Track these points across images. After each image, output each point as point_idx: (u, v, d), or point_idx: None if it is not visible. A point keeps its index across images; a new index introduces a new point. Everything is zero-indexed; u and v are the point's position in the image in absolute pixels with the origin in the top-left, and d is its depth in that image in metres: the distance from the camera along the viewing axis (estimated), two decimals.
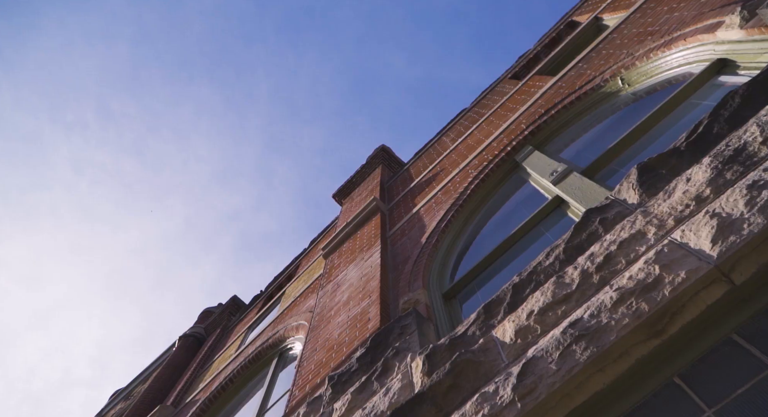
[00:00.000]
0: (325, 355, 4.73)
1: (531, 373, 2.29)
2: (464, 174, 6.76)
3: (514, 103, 7.93)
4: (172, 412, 9.41)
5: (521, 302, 2.86)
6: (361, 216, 8.38)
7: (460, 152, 8.03)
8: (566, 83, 6.58)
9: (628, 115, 5.25)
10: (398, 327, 3.83)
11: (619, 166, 4.46)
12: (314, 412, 3.81)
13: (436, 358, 2.99)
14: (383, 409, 3.06)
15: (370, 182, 11.61)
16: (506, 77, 10.70)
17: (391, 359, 3.49)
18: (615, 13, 8.02)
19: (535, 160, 5.53)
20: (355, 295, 5.46)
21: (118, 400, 17.85)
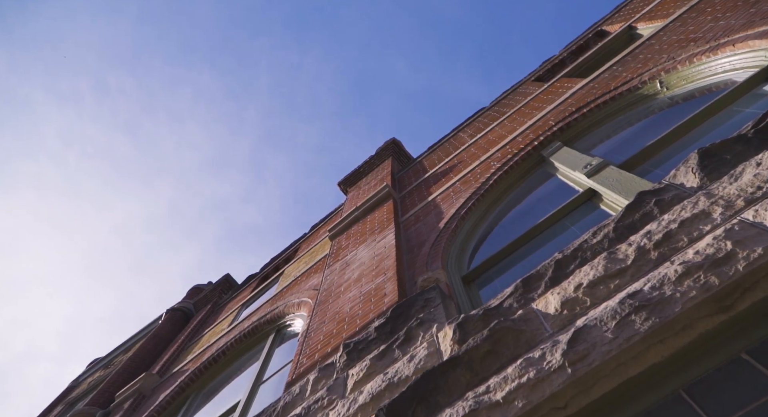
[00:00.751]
0: (335, 327, 4.63)
1: (583, 340, 2.20)
2: (486, 166, 6.67)
3: (539, 102, 7.86)
4: (158, 380, 9.27)
5: (565, 277, 2.77)
6: (371, 201, 8.29)
7: (480, 146, 7.94)
8: (599, 84, 6.50)
9: (663, 119, 5.18)
10: (421, 300, 3.73)
11: (652, 167, 4.38)
12: (326, 378, 3.71)
13: (469, 327, 2.89)
14: (408, 373, 2.96)
15: (379, 172, 11.52)
16: (529, 80, 10.64)
17: (414, 329, 3.39)
18: (651, 23, 7.95)
19: (564, 155, 5.44)
20: (368, 273, 5.36)
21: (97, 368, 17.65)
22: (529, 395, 2.18)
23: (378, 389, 3.02)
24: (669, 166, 4.18)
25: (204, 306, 14.22)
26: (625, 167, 4.43)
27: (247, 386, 5.88)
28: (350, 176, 13.42)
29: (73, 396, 15.31)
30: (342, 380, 3.50)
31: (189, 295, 16.54)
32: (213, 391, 7.29)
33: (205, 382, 7.56)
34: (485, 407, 2.26)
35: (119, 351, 17.63)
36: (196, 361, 8.41)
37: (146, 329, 17.30)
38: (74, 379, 18.08)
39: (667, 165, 4.26)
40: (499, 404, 2.23)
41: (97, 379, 14.87)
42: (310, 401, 3.50)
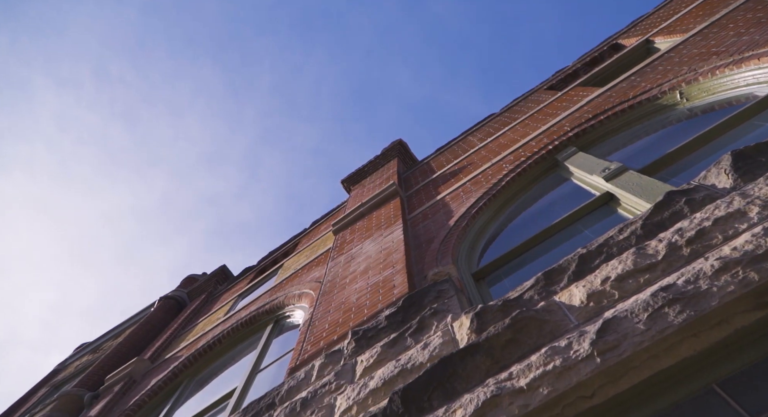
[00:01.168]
0: (341, 316, 4.58)
1: (613, 331, 2.16)
2: (498, 168, 6.64)
3: (553, 108, 7.84)
4: (149, 366, 9.19)
5: (590, 271, 2.73)
6: (377, 198, 8.25)
7: (491, 149, 7.91)
8: (617, 93, 6.48)
9: (682, 130, 5.16)
10: (434, 291, 3.69)
11: (670, 175, 4.36)
12: (333, 363, 3.66)
13: (488, 317, 2.85)
14: (422, 360, 2.91)
15: (385, 171, 11.49)
16: (541, 88, 10.63)
17: (428, 318, 3.35)
18: (669, 37, 7.96)
19: (580, 159, 5.41)
20: (375, 266, 5.32)
21: (84, 352, 17.51)
22: (554, 383, 2.13)
23: (390, 375, 2.97)
24: (687, 175, 4.16)
25: (198, 296, 14.14)
26: (644, 173, 4.41)
27: (244, 374, 5.81)
28: (354, 175, 13.39)
29: (59, 379, 15.17)
30: (350, 366, 3.45)
31: (183, 285, 16.45)
32: (207, 378, 7.22)
33: (199, 369, 7.49)
34: (508, 393, 2.21)
35: (108, 336, 17.50)
36: (190, 348, 8.34)
37: (137, 316, 17.19)
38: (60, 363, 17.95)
39: (686, 174, 4.23)
40: (522, 391, 2.19)
41: (84, 363, 14.75)
42: (317, 385, 3.45)
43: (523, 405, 2.13)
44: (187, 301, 14.68)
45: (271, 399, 3.73)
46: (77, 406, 8.92)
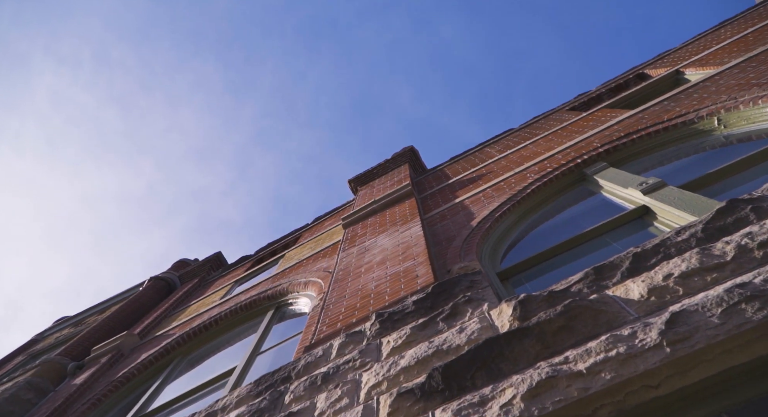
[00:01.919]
0: (359, 301, 4.49)
1: (683, 323, 2.08)
2: (521, 176, 6.58)
3: (579, 126, 7.81)
4: (137, 341, 9.02)
5: (646, 269, 2.66)
6: (391, 197, 8.19)
7: (513, 160, 7.86)
8: (649, 115, 6.46)
9: (716, 156, 5.13)
10: (466, 281, 3.60)
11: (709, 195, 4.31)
12: (355, 343, 3.56)
13: (532, 306, 2.77)
14: (459, 343, 2.82)
15: (396, 174, 11.43)
16: (563, 109, 10.62)
17: (462, 305, 3.26)
18: (702, 69, 7.96)
19: (611, 174, 5.36)
20: (393, 258, 5.23)
21: (66, 325, 17.26)
22: (618, 369, 2.05)
23: (424, 355, 2.88)
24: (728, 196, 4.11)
25: (190, 279, 13.97)
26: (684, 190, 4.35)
27: (244, 355, 5.69)
28: (362, 176, 13.38)
29: (38, 348, 14.92)
30: (375, 346, 3.35)
31: (174, 268, 16.27)
32: (200, 358, 7.08)
33: (192, 348, 7.35)
34: (565, 376, 2.13)
35: (92, 312, 17.25)
36: (183, 327, 8.19)
37: (124, 294, 16.96)
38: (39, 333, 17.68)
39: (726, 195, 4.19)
40: (581, 374, 2.10)
41: (66, 335, 14.52)
42: (338, 362, 3.35)
43: (583, 388, 2.05)
44: (178, 283, 14.51)
45: (286, 372, 3.63)
46: (60, 374, 8.73)
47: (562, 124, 8.70)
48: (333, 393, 3.01)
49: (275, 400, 3.31)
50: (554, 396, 2.08)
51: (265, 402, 3.32)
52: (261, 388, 3.59)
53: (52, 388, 8.32)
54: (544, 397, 2.10)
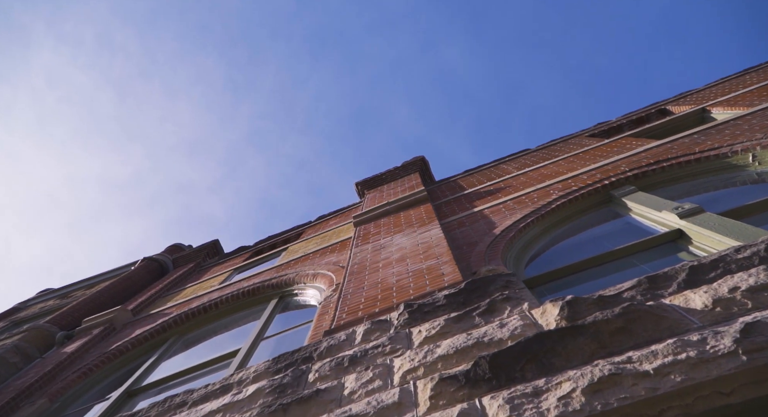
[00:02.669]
0: (380, 294, 4.41)
1: (760, 333, 2.02)
2: (544, 192, 6.54)
3: (603, 151, 7.80)
4: (130, 317, 8.88)
5: (706, 282, 2.61)
6: (405, 201, 8.15)
7: (533, 177, 7.83)
8: (678, 146, 6.45)
9: (748, 192, 5.12)
10: (501, 280, 3.54)
11: None
12: (381, 331, 3.48)
13: (581, 307, 2.70)
14: (502, 337, 2.76)
15: (407, 181, 11.41)
16: (582, 135, 10.63)
17: (500, 302, 3.19)
18: (730, 109, 7.99)
19: (641, 197, 5.33)
20: (413, 256, 5.17)
21: (50, 296, 17.03)
22: (688, 372, 1.98)
23: (463, 345, 2.80)
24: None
25: (185, 264, 13.84)
26: None
27: (248, 338, 5.59)
28: (369, 180, 13.41)
29: (21, 316, 14.68)
30: (404, 335, 3.28)
31: (168, 251, 16.10)
32: (197, 339, 6.96)
33: (189, 329, 7.22)
34: (630, 374, 2.06)
35: (79, 286, 17.03)
36: (181, 307, 8.07)
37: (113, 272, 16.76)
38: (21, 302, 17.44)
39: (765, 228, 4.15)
40: (648, 375, 2.03)
41: (52, 306, 14.30)
42: (366, 347, 3.27)
43: (651, 388, 1.98)
44: (171, 266, 14.36)
45: (307, 353, 3.54)
46: (47, 341, 8.57)
47: (583, 148, 8.69)
48: (363, 374, 2.92)
49: (298, 377, 3.22)
50: (618, 393, 2.01)
51: (288, 378, 3.22)
52: (280, 366, 3.50)
53: (39, 354, 8.16)
54: (607, 393, 2.03)
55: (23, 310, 16.31)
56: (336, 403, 2.76)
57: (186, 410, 3.36)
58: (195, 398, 3.48)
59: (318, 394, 2.87)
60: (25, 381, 6.38)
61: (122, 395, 5.37)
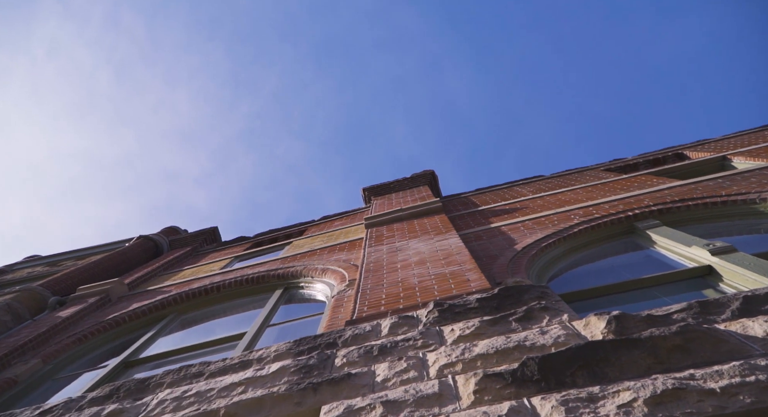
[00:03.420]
0: (402, 292, 4.36)
1: None
2: (565, 216, 6.53)
3: (623, 185, 7.81)
4: (126, 291, 8.76)
5: (762, 312, 2.57)
6: (418, 209, 8.14)
7: (550, 201, 7.82)
8: (703, 188, 6.46)
9: None
10: (536, 291, 3.50)
11: None
12: (409, 326, 3.43)
13: (629, 323, 2.67)
14: (545, 343, 2.71)
15: (417, 192, 11.41)
16: (598, 168, 10.66)
17: (537, 311, 3.15)
18: (752, 160, 8.03)
19: (667, 232, 5.32)
20: (433, 261, 5.13)
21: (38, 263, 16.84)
22: (759, 395, 1.94)
23: (503, 347, 2.76)
24: None
25: (181, 246, 13.73)
26: None
27: (255, 323, 5.51)
28: (377, 187, 13.45)
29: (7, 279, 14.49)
30: (435, 332, 3.23)
31: (164, 232, 15.98)
32: (196, 320, 6.87)
33: (189, 309, 7.13)
34: (695, 391, 2.02)
35: (68, 257, 16.84)
36: (181, 286, 7.97)
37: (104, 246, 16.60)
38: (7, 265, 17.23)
39: None
40: (714, 393, 1.99)
41: (41, 272, 14.13)
42: (395, 339, 3.21)
43: (719, 406, 1.94)
44: (166, 247, 14.25)
45: (331, 339, 3.48)
46: (38, 305, 8.43)
47: (601, 180, 8.70)
48: (396, 364, 2.87)
49: (324, 360, 3.15)
50: (683, 407, 1.97)
51: (314, 360, 3.16)
52: (303, 348, 3.43)
53: (29, 316, 8.02)
54: (670, 406, 1.99)
55: (9, 273, 16.10)
56: (369, 388, 2.70)
57: (203, 380, 3.28)
58: (212, 370, 3.40)
59: (349, 377, 2.82)
60: (18, 339, 6.25)
61: (119, 365, 5.26)
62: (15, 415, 3.35)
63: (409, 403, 2.43)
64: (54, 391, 5.22)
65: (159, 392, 3.25)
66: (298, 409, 2.65)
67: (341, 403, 2.58)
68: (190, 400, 3.01)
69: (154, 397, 3.19)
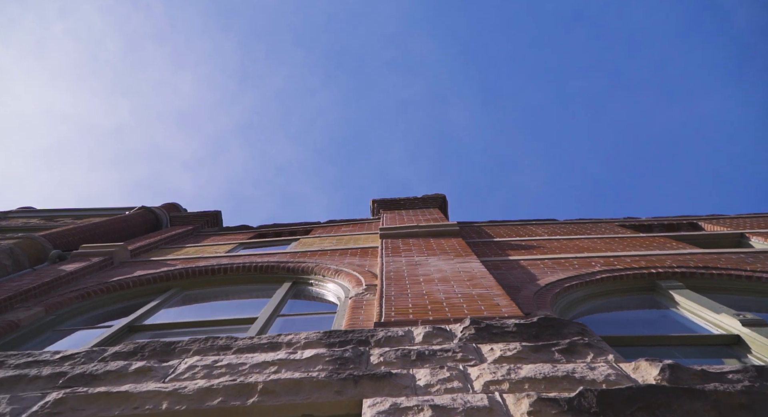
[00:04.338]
0: (429, 305, 4.33)
1: None
2: (585, 262, 6.53)
3: (642, 242, 7.84)
4: (129, 257, 8.67)
5: None
6: (436, 229, 8.16)
7: (568, 246, 7.83)
8: (726, 260, 6.48)
9: None
10: (576, 327, 3.48)
11: None
12: (443, 338, 3.40)
13: (683, 374, 2.64)
14: (595, 378, 2.69)
15: (428, 213, 11.44)
16: (613, 223, 10.69)
17: (581, 346, 3.12)
18: None
19: (692, 295, 5.32)
20: (457, 280, 5.11)
21: (34, 215, 16.67)
22: None
23: (551, 374, 2.73)
24: None
25: (182, 225, 13.64)
26: None
27: (266, 311, 5.44)
28: (387, 201, 13.52)
29: (1, 225, 14.35)
30: (473, 348, 3.19)
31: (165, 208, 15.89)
32: (199, 298, 6.79)
33: (192, 286, 7.04)
34: None
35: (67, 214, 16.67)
36: (187, 262, 7.89)
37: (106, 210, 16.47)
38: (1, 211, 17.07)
39: None
40: None
41: (37, 225, 13.99)
42: (432, 348, 3.17)
43: None
44: (166, 223, 14.16)
45: (363, 336, 3.43)
46: (39, 255, 8.32)
47: (619, 234, 8.73)
48: (438, 372, 2.82)
49: (359, 355, 3.11)
50: None
51: (349, 353, 3.12)
52: (334, 341, 3.38)
53: (28, 265, 7.91)
54: None
55: (2, 219, 15.95)
56: (411, 390, 2.65)
57: (232, 354, 3.22)
58: (240, 345, 3.35)
59: (391, 376, 2.77)
60: (21, 285, 6.15)
61: (124, 327, 5.18)
62: (34, 355, 3.28)
63: (458, 411, 2.38)
64: (53, 341, 5.13)
65: (186, 358, 3.19)
66: (338, 398, 2.60)
67: (385, 399, 2.53)
68: (221, 371, 2.95)
69: (181, 361, 3.13)
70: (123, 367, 3.00)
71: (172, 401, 2.59)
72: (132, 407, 2.55)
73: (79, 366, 3.07)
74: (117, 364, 3.05)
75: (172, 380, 2.86)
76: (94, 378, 2.91)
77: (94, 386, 2.78)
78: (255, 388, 2.70)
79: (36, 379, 2.92)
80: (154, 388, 2.71)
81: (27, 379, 2.92)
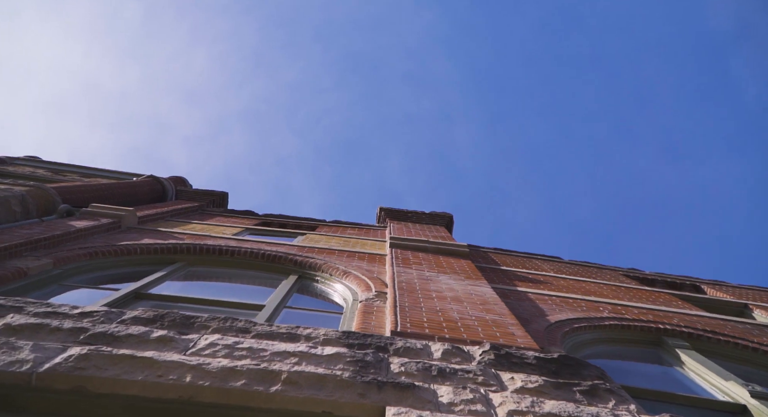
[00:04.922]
0: (444, 322, 4.31)
1: None
2: (594, 306, 6.51)
3: (649, 296, 7.84)
4: (136, 224, 8.62)
5: None
6: (445, 247, 8.14)
7: (575, 286, 7.82)
8: (732, 328, 6.47)
9: None
10: (596, 369, 3.46)
11: None
12: (462, 358, 3.38)
13: None
14: None
15: (435, 229, 11.46)
16: (617, 272, 10.69)
17: (602, 391, 3.10)
18: None
19: (700, 358, 5.31)
20: (470, 303, 5.08)
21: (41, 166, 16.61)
22: None
23: (576, 414, 2.69)
24: None
25: (188, 200, 13.61)
26: None
27: (274, 300, 5.41)
28: (395, 211, 13.55)
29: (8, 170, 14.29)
30: (492, 374, 3.16)
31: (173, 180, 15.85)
32: (203, 276, 6.78)
33: (197, 262, 6.99)
34: None
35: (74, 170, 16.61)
36: (195, 238, 7.84)
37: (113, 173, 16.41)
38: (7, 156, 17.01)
39: None
40: None
41: (44, 175, 13.92)
42: (451, 366, 3.14)
43: None
44: (172, 195, 14.13)
45: (381, 342, 3.40)
46: (48, 207, 8.26)
47: (625, 284, 8.72)
48: (461, 392, 2.79)
49: (379, 361, 3.08)
50: None
51: (370, 357, 3.08)
52: (353, 342, 3.35)
53: (36, 215, 7.85)
54: None
55: (9, 165, 15.89)
56: (434, 406, 2.62)
57: (251, 338, 3.18)
58: (260, 331, 3.31)
59: (414, 388, 2.74)
60: (33, 233, 6.11)
61: (131, 293, 5.13)
62: (54, 306, 3.24)
63: None
64: (57, 294, 5.08)
65: (205, 334, 3.15)
66: (361, 401, 2.57)
67: (410, 411, 2.50)
68: (242, 353, 2.91)
69: (201, 336, 3.09)
70: (144, 333, 2.96)
71: (195, 375, 2.55)
72: (156, 374, 2.51)
73: (100, 324, 3.03)
74: (138, 329, 3.01)
75: (193, 354, 2.82)
76: (116, 339, 2.87)
77: (117, 347, 2.74)
78: (279, 376, 2.66)
79: (57, 331, 2.88)
80: (178, 359, 2.68)
81: (48, 329, 2.87)
